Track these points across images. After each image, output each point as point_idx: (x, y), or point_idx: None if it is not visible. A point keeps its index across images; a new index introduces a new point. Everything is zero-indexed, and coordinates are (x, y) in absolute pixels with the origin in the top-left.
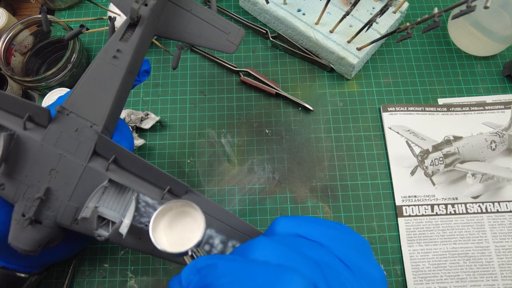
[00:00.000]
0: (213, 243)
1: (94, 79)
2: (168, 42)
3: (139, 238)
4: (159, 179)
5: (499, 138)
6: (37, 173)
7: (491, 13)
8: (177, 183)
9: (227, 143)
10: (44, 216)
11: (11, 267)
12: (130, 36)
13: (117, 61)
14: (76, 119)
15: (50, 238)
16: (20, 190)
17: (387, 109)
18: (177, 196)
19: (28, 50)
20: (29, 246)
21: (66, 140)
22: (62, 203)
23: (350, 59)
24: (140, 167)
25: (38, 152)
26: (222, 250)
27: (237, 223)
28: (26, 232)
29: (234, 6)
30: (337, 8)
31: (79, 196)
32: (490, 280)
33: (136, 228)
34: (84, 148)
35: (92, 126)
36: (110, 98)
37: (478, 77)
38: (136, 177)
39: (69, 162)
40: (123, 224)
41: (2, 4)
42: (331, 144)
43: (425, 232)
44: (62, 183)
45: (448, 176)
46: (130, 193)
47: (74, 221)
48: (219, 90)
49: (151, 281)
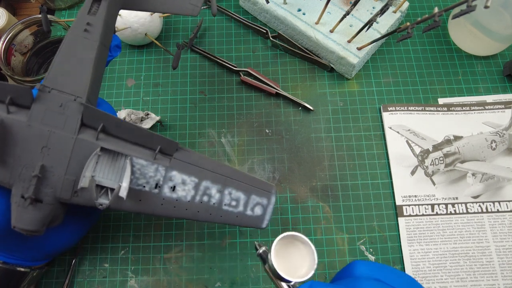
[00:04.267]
0: (211, 194)
1: (69, 54)
2: (168, 42)
3: (139, 200)
4: (149, 140)
5: (499, 137)
6: (29, 153)
7: (491, 12)
8: (166, 142)
9: (227, 143)
10: (44, 193)
11: (12, 262)
12: (97, 9)
13: (89, 34)
14: (59, 95)
15: (52, 215)
16: (15, 172)
17: (387, 108)
18: (169, 154)
19: (28, 50)
20: (33, 226)
21: (52, 116)
22: (59, 178)
23: (350, 59)
24: (128, 131)
25: (26, 132)
26: (220, 199)
27: (230, 172)
28: (28, 212)
29: (234, 5)
30: (337, 8)
31: (75, 169)
32: (491, 279)
33: (135, 191)
34: (72, 121)
35: (76, 99)
36: (88, 70)
37: (478, 77)
38: (126, 142)
39: (59, 137)
40: (122, 188)
41: (2, 4)
42: (331, 143)
43: (425, 232)
44: (56, 158)
45: (448, 176)
46: (123, 158)
47: (74, 194)
48: (219, 90)
49: (151, 281)
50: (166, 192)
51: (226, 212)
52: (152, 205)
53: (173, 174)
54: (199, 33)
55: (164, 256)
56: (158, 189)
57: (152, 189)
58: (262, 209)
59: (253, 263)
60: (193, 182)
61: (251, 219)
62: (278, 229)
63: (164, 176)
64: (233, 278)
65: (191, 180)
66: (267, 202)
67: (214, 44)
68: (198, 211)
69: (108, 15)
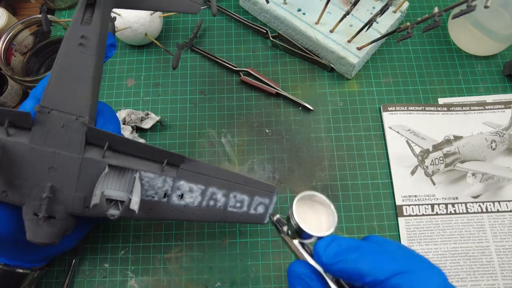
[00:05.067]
0: (217, 198)
1: (66, 70)
2: (168, 42)
3: (149, 209)
4: (155, 155)
5: (499, 137)
6: (36, 174)
7: (491, 12)
8: (172, 156)
9: (227, 143)
10: (56, 210)
11: (12, 264)
12: (91, 18)
13: (85, 48)
14: (59, 115)
15: (65, 228)
16: (24, 193)
17: (387, 108)
18: (176, 166)
19: (28, 50)
20: (49, 240)
21: (55, 137)
22: (69, 196)
23: (350, 59)
24: (134, 148)
25: (30, 154)
26: (225, 202)
27: (234, 177)
28: (43, 228)
29: (234, 5)
30: (337, 8)
31: (84, 186)
32: (491, 279)
33: (145, 201)
34: (76, 141)
35: (78, 118)
36: (87, 87)
37: (478, 77)
38: (133, 157)
39: (65, 158)
40: (133, 201)
41: (2, 4)
42: (331, 143)
43: (425, 232)
44: (64, 178)
45: (448, 176)
46: (131, 172)
47: (85, 208)
48: (219, 90)
49: (151, 281)
50: (174, 200)
51: (231, 213)
52: (161, 212)
53: (181, 184)
54: (199, 33)
55: (164, 256)
56: (166, 198)
57: (161, 199)
58: (264, 208)
59: (253, 263)
60: (200, 189)
61: (254, 217)
62: None
63: (172, 186)
64: (233, 278)
65: (198, 188)
66: (269, 202)
67: (214, 44)
68: (205, 214)
69: (102, 22)
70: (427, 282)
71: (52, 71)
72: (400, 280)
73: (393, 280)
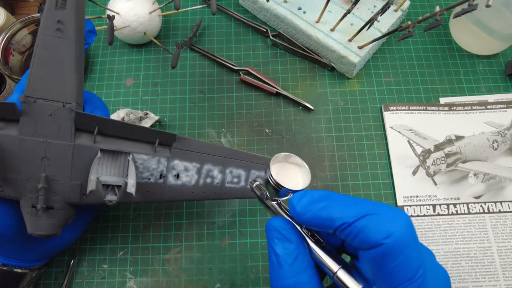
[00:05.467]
0: (213, 175)
1: (46, 57)
2: (167, 41)
3: (146, 191)
4: (146, 135)
5: (501, 137)
6: (29, 166)
7: (493, 11)
8: (163, 135)
9: (227, 142)
10: (53, 200)
11: (11, 264)
12: (65, 2)
13: (63, 33)
14: (46, 104)
15: (65, 217)
16: (19, 186)
17: (388, 108)
18: (168, 145)
19: (27, 49)
20: (50, 231)
21: (44, 126)
22: (65, 184)
23: (351, 58)
24: (124, 130)
25: (20, 146)
26: (222, 178)
27: (228, 152)
28: (43, 220)
29: (234, 4)
30: (338, 7)
31: (79, 173)
32: (492, 280)
33: (141, 184)
34: (65, 129)
35: (65, 105)
36: (71, 73)
37: (480, 76)
38: (124, 140)
39: (56, 146)
40: (129, 185)
41: (1, 3)
42: (332, 143)
43: (426, 233)
44: (58, 167)
45: (450, 176)
46: (124, 156)
47: (83, 196)
48: (219, 89)
49: (150, 282)
50: (171, 181)
51: (229, 189)
52: (159, 194)
53: (175, 163)
54: (199, 32)
55: (163, 257)
56: (163, 179)
57: (157, 180)
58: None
59: (253, 264)
60: (195, 167)
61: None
62: None
63: (167, 166)
64: (233, 279)
65: (193, 166)
66: (266, 174)
67: (214, 43)
68: (203, 192)
69: (77, 6)
70: (392, 222)
71: (32, 60)
72: (368, 221)
73: (361, 221)
